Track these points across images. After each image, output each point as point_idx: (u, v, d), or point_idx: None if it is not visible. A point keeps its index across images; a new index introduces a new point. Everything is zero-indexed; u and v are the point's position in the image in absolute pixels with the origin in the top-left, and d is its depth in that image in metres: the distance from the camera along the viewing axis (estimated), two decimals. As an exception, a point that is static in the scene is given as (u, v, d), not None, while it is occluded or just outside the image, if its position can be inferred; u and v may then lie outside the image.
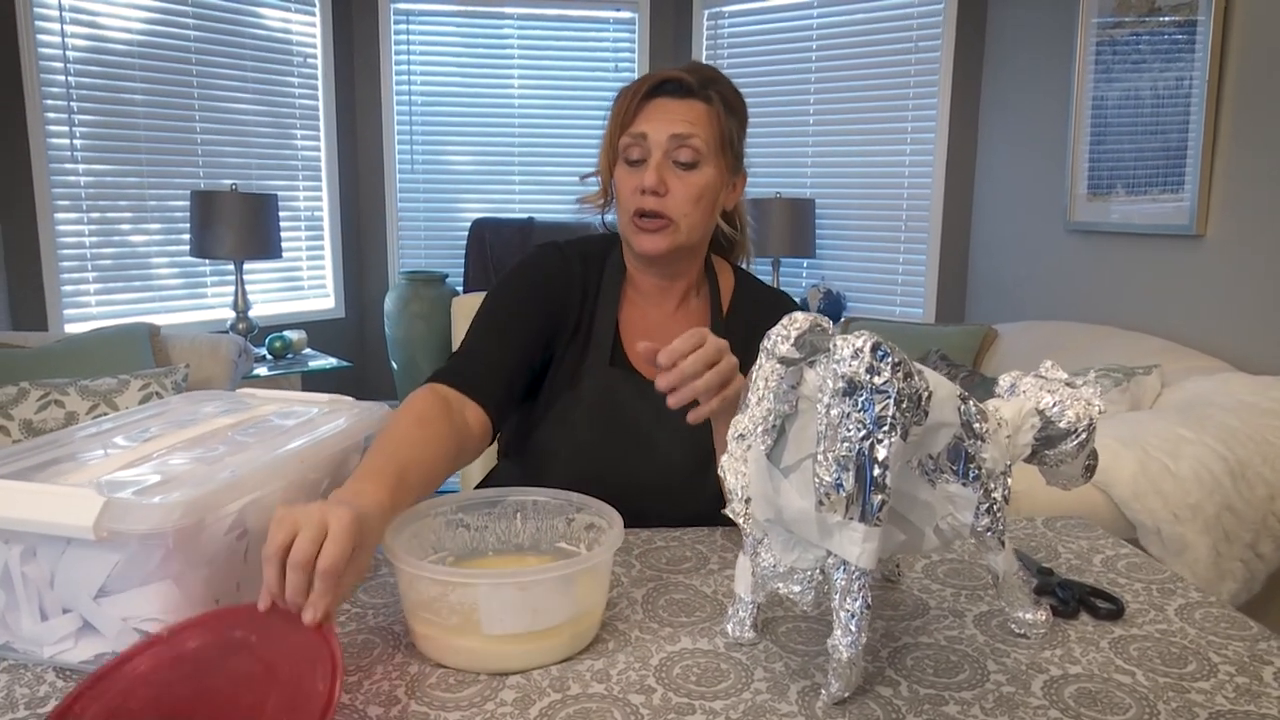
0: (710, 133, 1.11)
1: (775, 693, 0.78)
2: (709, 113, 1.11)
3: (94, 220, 3.58)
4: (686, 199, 1.10)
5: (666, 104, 1.10)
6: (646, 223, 1.11)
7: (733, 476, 0.79)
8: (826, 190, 4.15)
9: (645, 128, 1.10)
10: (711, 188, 1.12)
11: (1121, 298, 2.89)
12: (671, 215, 1.11)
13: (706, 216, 1.14)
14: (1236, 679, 0.81)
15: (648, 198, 1.09)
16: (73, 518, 0.73)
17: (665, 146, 1.09)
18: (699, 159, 1.10)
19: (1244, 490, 1.70)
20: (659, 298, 1.21)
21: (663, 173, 1.09)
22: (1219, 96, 2.44)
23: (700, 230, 1.15)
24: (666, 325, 1.21)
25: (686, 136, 1.09)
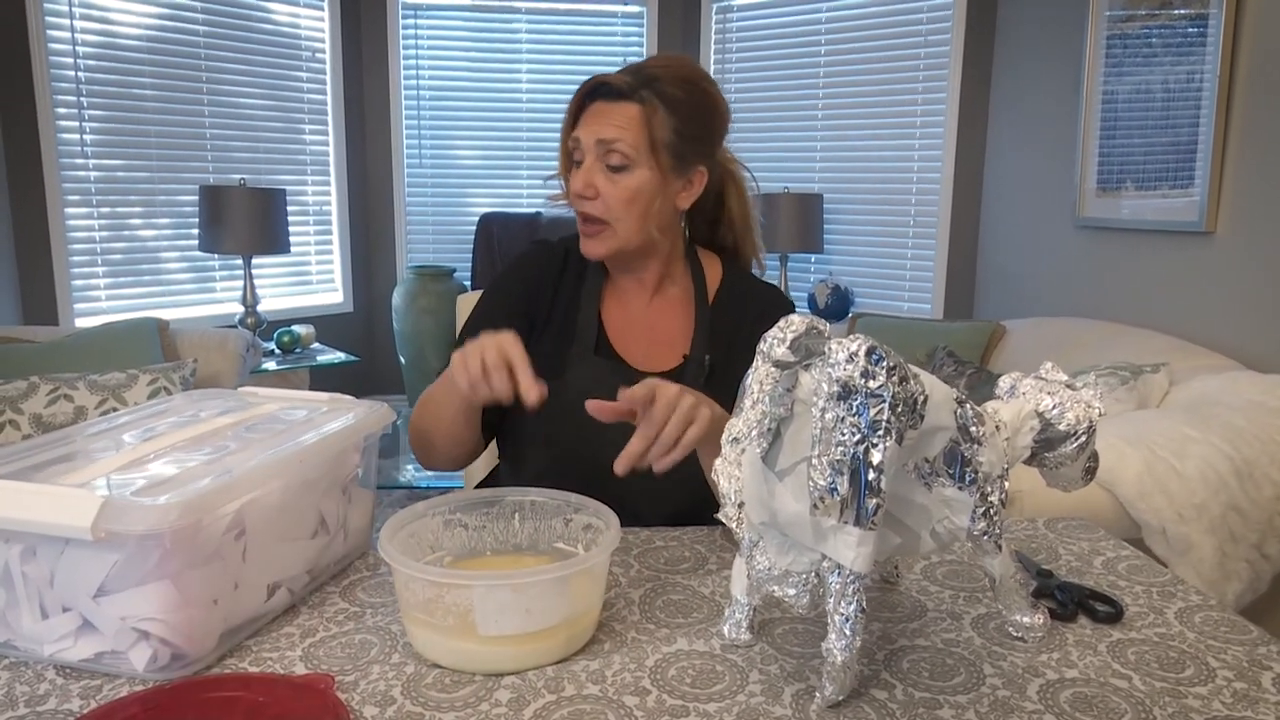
0: (639, 135, 1.11)
1: (770, 695, 0.78)
2: (640, 114, 1.12)
3: (104, 215, 3.60)
4: (618, 202, 1.13)
5: (600, 108, 1.13)
6: (587, 227, 1.15)
7: (726, 480, 0.79)
8: (835, 185, 4.14)
9: (580, 131, 1.14)
10: (645, 190, 1.13)
11: (1130, 295, 2.87)
12: (606, 219, 1.14)
13: (644, 218, 1.15)
14: (1234, 684, 0.80)
15: (584, 200, 1.13)
16: (71, 518, 0.73)
17: (595, 151, 1.12)
18: (628, 162, 1.12)
19: (1250, 490, 1.69)
20: (634, 290, 1.25)
21: (593, 176, 1.12)
22: (1230, 92, 2.42)
23: (641, 232, 1.16)
24: (646, 315, 1.24)
25: (612, 141, 1.11)
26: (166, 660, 0.79)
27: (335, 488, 0.99)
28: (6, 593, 0.80)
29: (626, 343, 1.22)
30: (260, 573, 0.87)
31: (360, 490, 1.05)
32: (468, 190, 4.65)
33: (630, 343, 1.22)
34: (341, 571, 1.02)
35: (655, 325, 1.22)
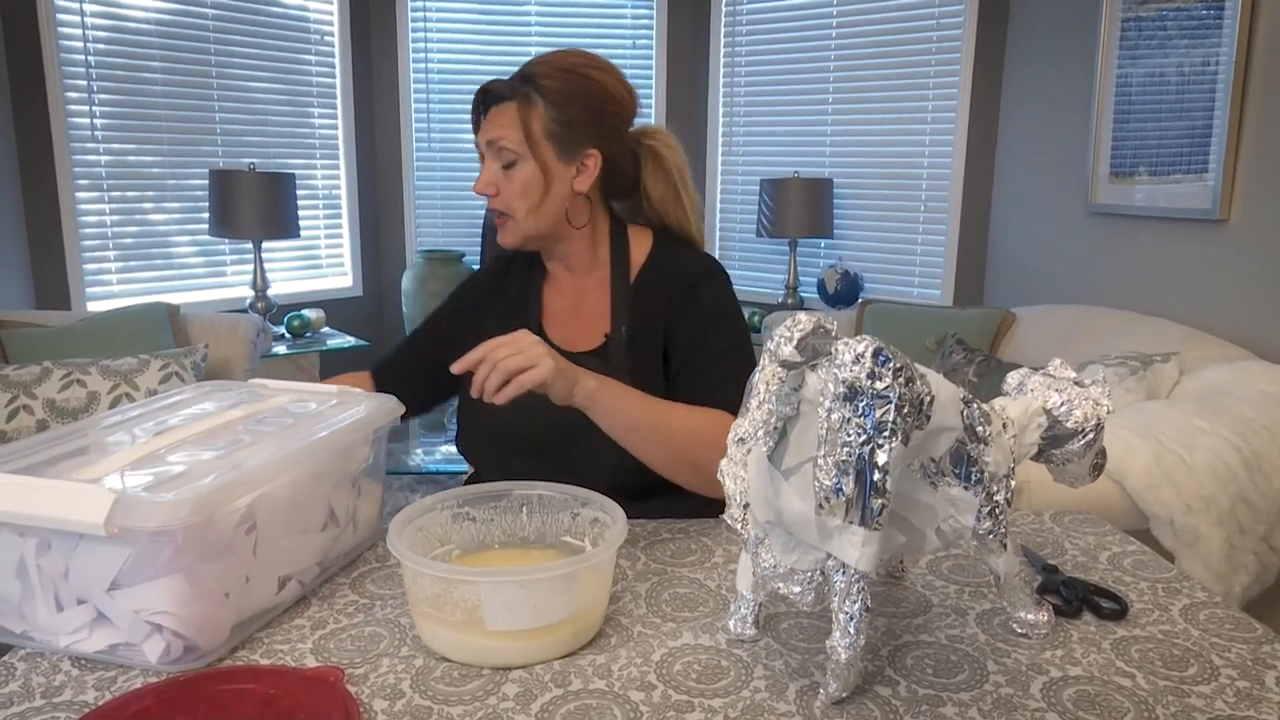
0: (519, 131, 1.19)
1: (774, 691, 0.79)
2: (518, 110, 1.19)
3: (114, 200, 3.61)
4: (513, 194, 1.20)
5: (491, 112, 1.22)
6: (498, 220, 1.24)
7: (731, 481, 0.79)
8: (845, 170, 4.11)
9: (477, 137, 1.24)
10: (534, 180, 1.20)
11: (1142, 282, 2.85)
12: (507, 210, 1.22)
13: (538, 206, 1.21)
14: (1238, 683, 0.81)
15: (488, 197, 1.23)
16: (84, 514, 0.74)
17: (489, 152, 1.21)
18: (515, 157, 1.20)
19: (1259, 482, 1.69)
20: (562, 274, 1.32)
21: (490, 175, 1.21)
22: (1246, 79, 2.39)
23: (544, 218, 1.22)
24: (576, 297, 1.31)
25: (497, 140, 1.19)
26: (179, 652, 0.80)
27: (345, 480, 1.00)
28: (23, 585, 0.81)
29: (558, 326, 1.29)
30: (271, 566, 0.88)
31: (369, 482, 1.06)
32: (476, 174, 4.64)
33: (561, 326, 1.29)
34: (351, 563, 1.03)
35: (582, 306, 1.29)
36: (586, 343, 1.26)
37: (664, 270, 1.27)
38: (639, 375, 1.21)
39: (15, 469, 0.83)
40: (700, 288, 1.24)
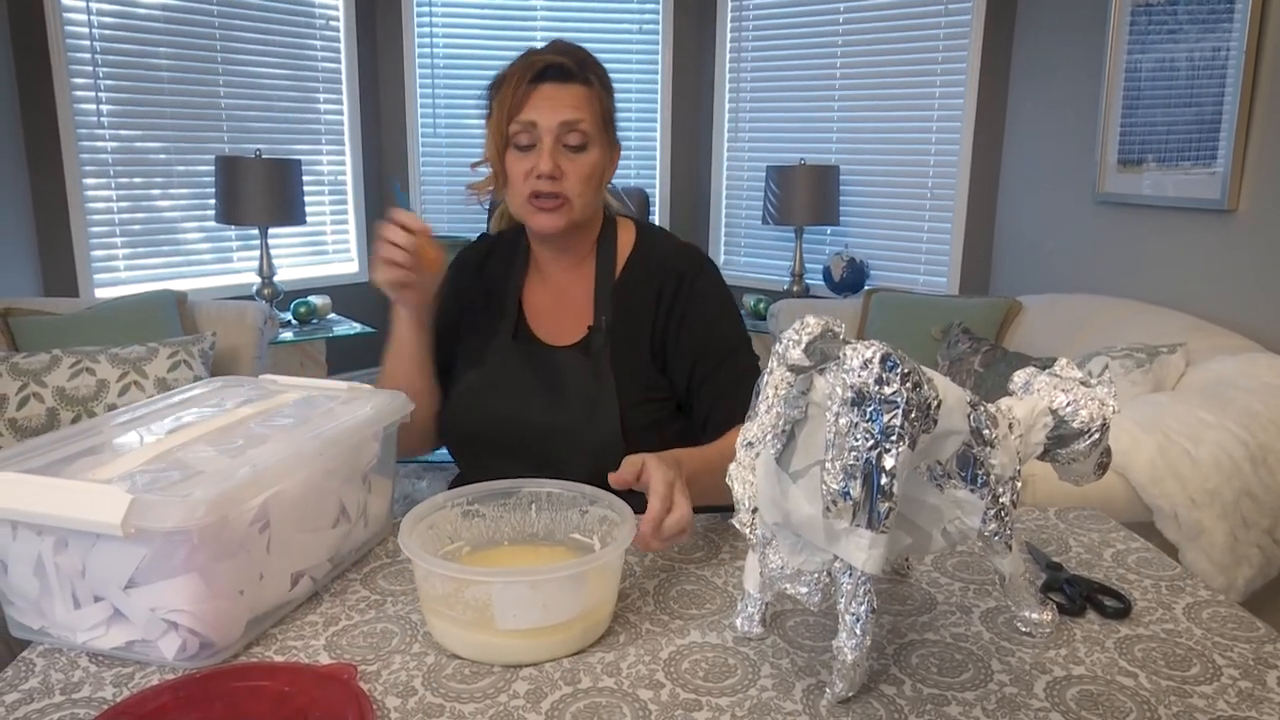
0: (594, 114, 1.17)
1: (781, 690, 0.80)
2: (590, 95, 1.17)
3: (121, 186, 3.61)
4: (579, 179, 1.17)
5: (551, 90, 1.15)
6: (543, 202, 1.17)
7: (740, 485, 0.80)
8: (852, 157, 4.10)
9: (534, 115, 1.15)
10: (599, 166, 1.20)
11: (1149, 272, 2.85)
12: (567, 194, 1.18)
13: (596, 193, 1.22)
14: (1240, 683, 0.81)
15: (543, 181, 1.15)
16: (101, 515, 0.75)
17: (556, 132, 1.15)
18: (587, 141, 1.17)
19: (1264, 476, 1.69)
20: (556, 265, 1.29)
21: (555, 157, 1.15)
22: (1256, 68, 2.38)
23: (592, 206, 1.23)
24: (563, 291, 1.28)
25: (575, 122, 1.15)
26: (195, 649, 0.82)
27: (355, 477, 1.01)
28: (41, 582, 0.83)
29: (542, 320, 1.27)
30: (284, 563, 0.90)
31: (379, 478, 1.07)
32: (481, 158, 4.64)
33: (545, 320, 1.27)
34: (362, 559, 1.04)
35: (567, 299, 1.27)
36: (568, 337, 1.26)
37: (651, 263, 1.27)
38: (617, 364, 1.21)
39: (31, 468, 0.84)
40: (698, 283, 1.24)
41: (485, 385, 1.25)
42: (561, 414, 1.20)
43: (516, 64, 1.18)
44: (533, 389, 1.22)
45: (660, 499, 0.89)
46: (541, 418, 1.21)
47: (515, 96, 1.15)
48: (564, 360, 1.23)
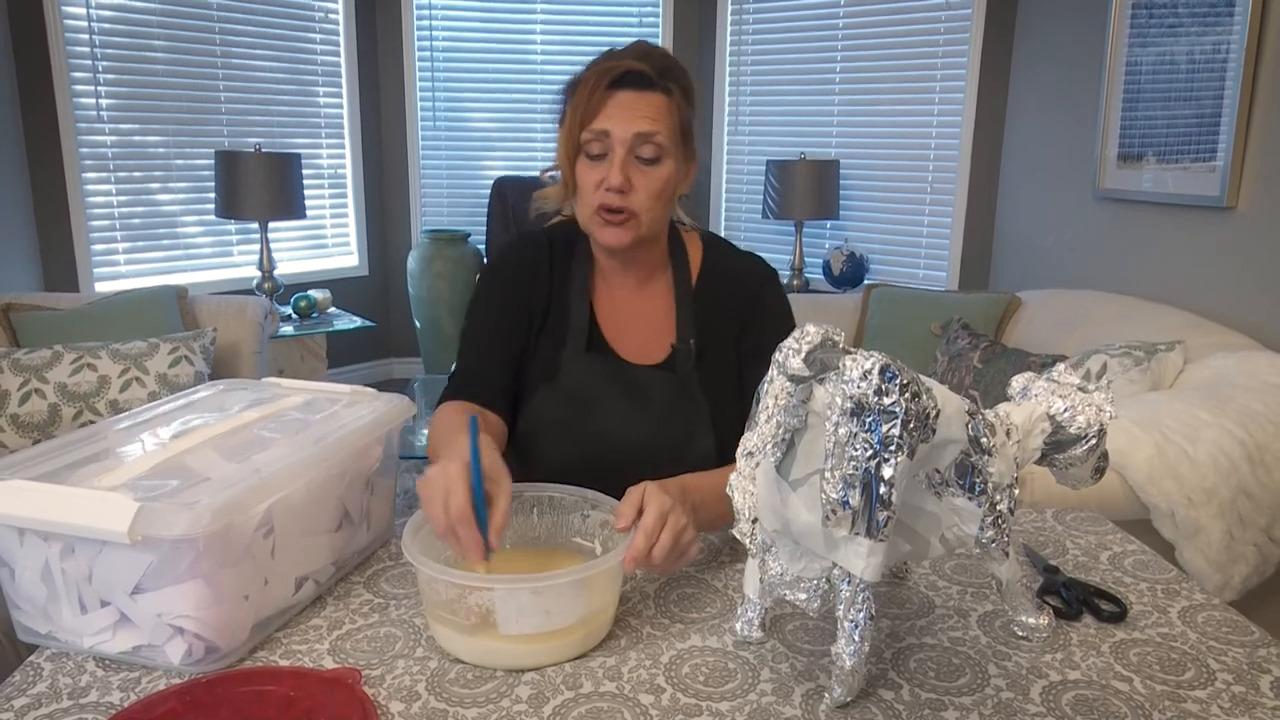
0: (671, 126, 1.11)
1: (780, 695, 0.81)
2: (669, 105, 1.11)
3: (121, 181, 3.61)
4: (649, 194, 1.11)
5: (627, 98, 1.09)
6: (611, 216, 1.12)
7: (740, 495, 0.81)
8: (852, 151, 4.10)
9: (608, 124, 1.09)
10: (672, 180, 1.14)
11: (1148, 268, 2.85)
12: (635, 209, 1.12)
13: (667, 207, 1.17)
14: (1233, 688, 0.82)
15: (611, 195, 1.10)
16: (108, 522, 0.76)
17: (629, 143, 1.09)
18: (661, 154, 1.11)
19: (1261, 475, 1.70)
20: (624, 278, 1.23)
21: (626, 170, 1.09)
22: (1257, 66, 2.38)
23: (661, 220, 1.17)
24: (634, 305, 1.24)
25: (650, 134, 1.09)
26: (201, 654, 0.82)
27: (359, 481, 1.02)
28: (48, 587, 0.84)
29: (617, 335, 1.22)
30: (288, 567, 0.90)
31: (382, 480, 1.08)
32: (482, 153, 4.64)
33: (621, 335, 1.22)
34: (365, 561, 1.05)
35: (644, 315, 1.23)
36: (652, 355, 1.21)
37: (724, 276, 1.24)
38: (709, 390, 1.18)
39: (38, 474, 0.85)
40: (765, 292, 1.23)
41: (572, 402, 1.18)
42: (658, 432, 1.17)
43: (594, 67, 1.11)
44: (625, 406, 1.18)
45: (645, 535, 0.87)
46: (640, 436, 1.16)
47: (590, 103, 1.09)
48: (648, 378, 1.19)
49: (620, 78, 1.09)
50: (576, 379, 1.18)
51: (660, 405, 1.17)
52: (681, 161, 1.15)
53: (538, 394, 1.19)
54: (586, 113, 1.09)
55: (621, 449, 1.16)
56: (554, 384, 1.18)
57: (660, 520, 0.88)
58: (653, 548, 0.87)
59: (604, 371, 1.19)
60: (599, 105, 1.09)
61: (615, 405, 1.18)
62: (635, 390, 1.18)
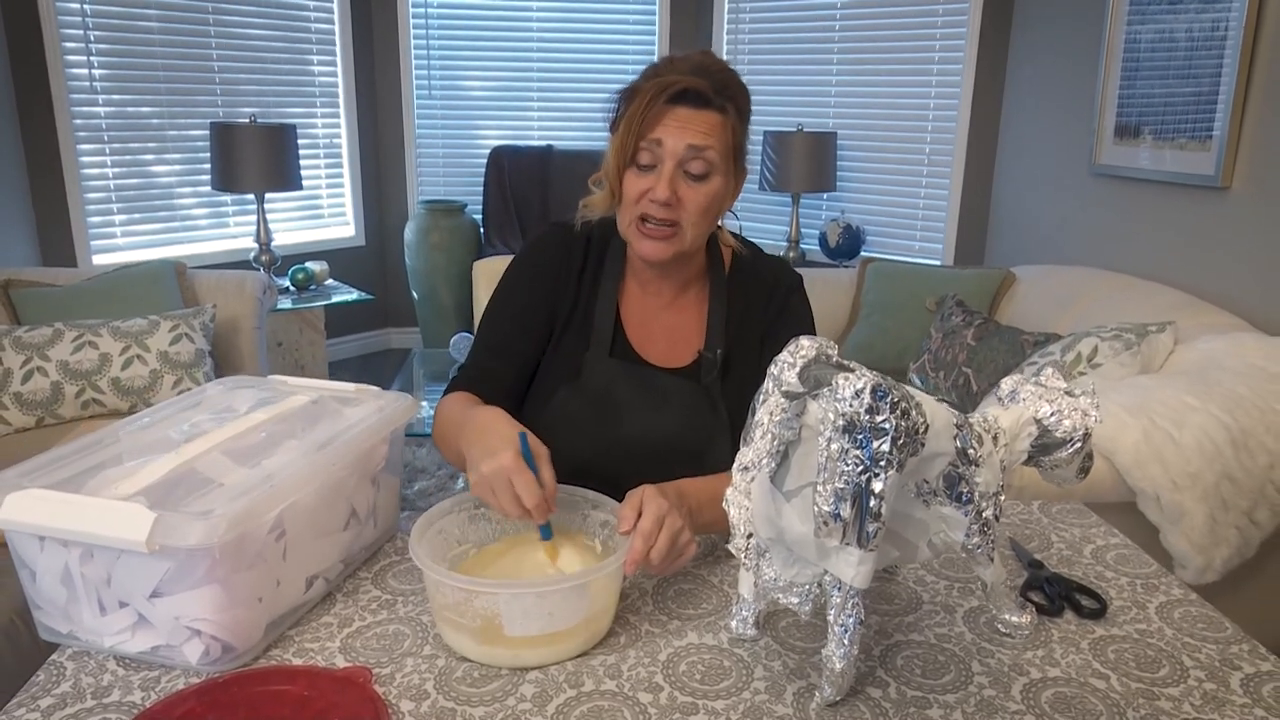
0: (723, 144, 1.11)
1: (773, 693, 0.84)
2: (723, 124, 1.11)
3: (116, 153, 3.60)
4: (696, 209, 1.11)
5: (684, 113, 1.09)
6: (652, 229, 1.12)
7: (736, 510, 0.84)
8: (850, 124, 4.08)
9: (661, 135, 1.09)
10: (719, 197, 1.14)
11: (1142, 246, 2.87)
12: (681, 223, 1.12)
13: (711, 224, 1.17)
14: (1205, 685, 0.86)
15: (656, 206, 1.10)
16: (127, 532, 0.79)
17: (680, 156, 1.09)
18: (710, 170, 1.11)
19: (1245, 459, 1.74)
20: (658, 287, 1.24)
21: (674, 184, 1.10)
22: (1255, 46, 2.38)
23: (704, 237, 1.18)
24: (665, 315, 1.25)
25: (702, 149, 1.09)
26: (218, 653, 0.86)
27: (365, 480, 1.05)
28: (68, 590, 0.87)
29: (643, 340, 1.23)
30: (299, 568, 0.94)
31: (387, 477, 1.11)
32: (478, 123, 4.61)
33: (647, 339, 1.23)
34: (372, 557, 1.08)
35: (673, 321, 1.24)
36: (676, 360, 1.23)
37: (752, 280, 1.25)
38: (731, 398, 1.20)
39: (56, 480, 0.88)
40: (791, 299, 1.24)
41: (594, 404, 1.19)
42: (679, 437, 1.19)
43: (652, 79, 1.10)
44: (646, 410, 1.20)
45: (643, 539, 0.90)
46: (661, 440, 1.18)
47: (647, 115, 1.08)
48: (670, 383, 1.20)
49: (680, 94, 1.09)
50: (599, 381, 1.20)
51: (681, 411, 1.19)
52: (729, 178, 1.15)
53: (559, 393, 1.20)
54: (643, 125, 1.09)
55: (640, 452, 1.18)
56: (576, 384, 1.20)
57: (657, 524, 0.91)
58: (650, 550, 0.91)
59: (626, 375, 1.20)
60: (656, 119, 1.09)
61: (636, 409, 1.19)
62: (657, 395, 1.20)
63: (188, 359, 2.57)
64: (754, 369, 1.22)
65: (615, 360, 1.21)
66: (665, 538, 0.91)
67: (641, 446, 1.19)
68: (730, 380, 1.22)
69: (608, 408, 1.20)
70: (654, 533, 0.91)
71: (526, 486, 0.91)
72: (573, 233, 1.25)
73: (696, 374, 1.21)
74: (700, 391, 1.21)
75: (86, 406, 2.50)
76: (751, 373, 1.22)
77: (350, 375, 4.32)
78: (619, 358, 1.22)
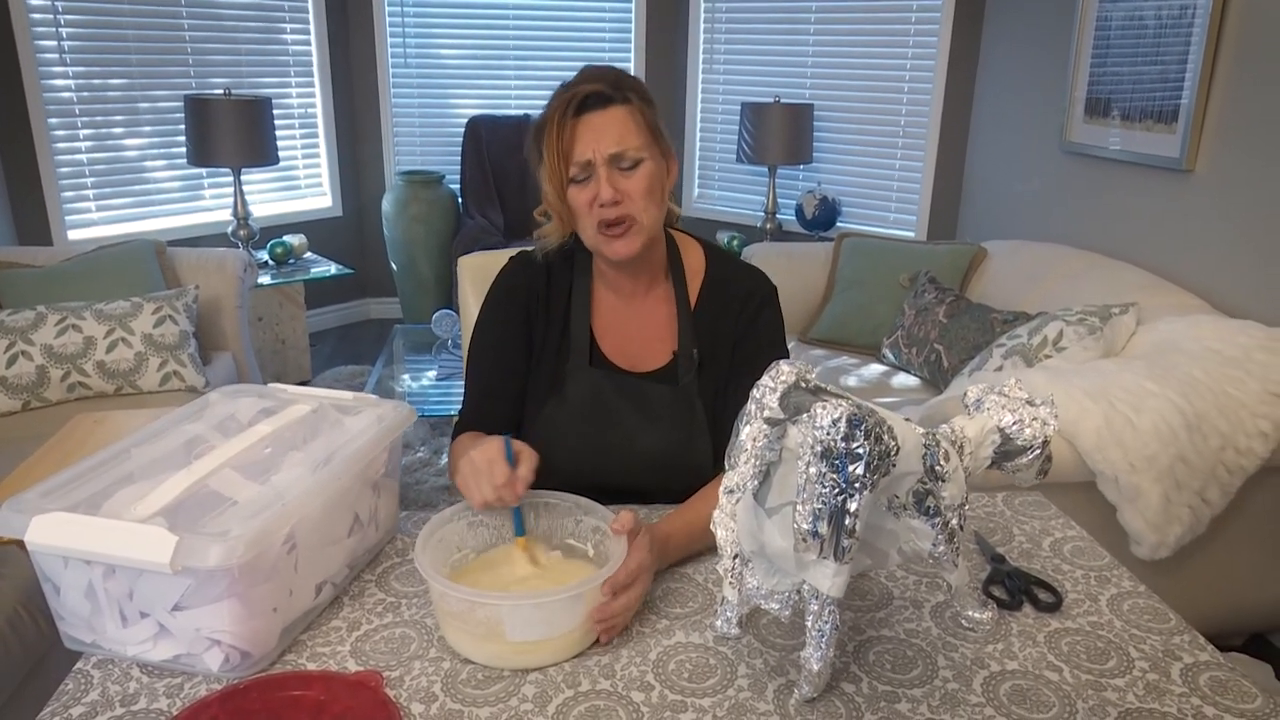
0: (640, 131, 1.18)
1: (755, 690, 0.92)
2: (632, 112, 1.18)
3: (87, 126, 3.56)
4: (640, 194, 1.18)
5: (594, 119, 1.16)
6: (613, 230, 1.19)
7: (723, 531, 0.90)
8: (826, 96, 4.11)
9: (586, 154, 1.16)
10: (656, 177, 1.21)
11: (1109, 225, 2.94)
12: (633, 214, 1.19)
13: (660, 204, 1.23)
14: (1148, 675, 0.95)
15: (607, 209, 1.17)
16: (150, 554, 0.84)
17: (608, 160, 1.17)
18: (639, 158, 1.18)
19: (1198, 442, 1.83)
20: (629, 290, 1.30)
21: (613, 182, 1.17)
22: (1220, 30, 2.43)
23: (659, 220, 1.24)
24: (635, 316, 1.31)
25: (621, 152, 1.17)
26: (237, 661, 0.92)
27: (367, 486, 1.10)
28: (91, 604, 0.92)
29: (618, 347, 1.30)
30: (309, 576, 0.99)
31: (388, 482, 1.16)
32: (454, 92, 4.58)
33: (622, 346, 1.30)
34: (374, 559, 1.14)
35: (644, 325, 1.30)
36: (648, 363, 1.29)
37: (728, 289, 1.31)
38: (706, 397, 1.26)
39: (75, 501, 0.92)
40: (765, 310, 1.30)
41: (580, 413, 1.26)
42: (662, 440, 1.25)
43: (554, 103, 1.17)
44: (630, 416, 1.26)
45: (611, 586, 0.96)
46: (645, 444, 1.25)
47: (563, 137, 1.15)
48: (650, 389, 1.26)
49: (582, 103, 1.16)
50: (582, 391, 1.26)
51: (663, 414, 1.26)
52: (659, 158, 1.22)
53: (546, 405, 1.27)
54: (564, 147, 1.16)
55: (627, 457, 1.25)
56: (560, 396, 1.26)
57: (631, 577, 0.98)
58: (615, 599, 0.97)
59: (608, 383, 1.27)
60: (572, 136, 1.16)
61: (622, 415, 1.26)
62: (640, 401, 1.26)
63: (172, 341, 2.59)
64: (725, 369, 1.29)
65: (596, 369, 1.27)
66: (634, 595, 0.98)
67: (627, 451, 1.26)
68: (704, 379, 1.28)
69: (592, 416, 1.27)
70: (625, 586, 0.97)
71: (498, 470, 1.01)
72: (533, 261, 1.32)
73: (673, 374, 1.28)
74: (678, 393, 1.27)
75: (72, 390, 2.52)
76: (723, 373, 1.30)
77: (330, 347, 4.34)
78: (598, 367, 1.28)
